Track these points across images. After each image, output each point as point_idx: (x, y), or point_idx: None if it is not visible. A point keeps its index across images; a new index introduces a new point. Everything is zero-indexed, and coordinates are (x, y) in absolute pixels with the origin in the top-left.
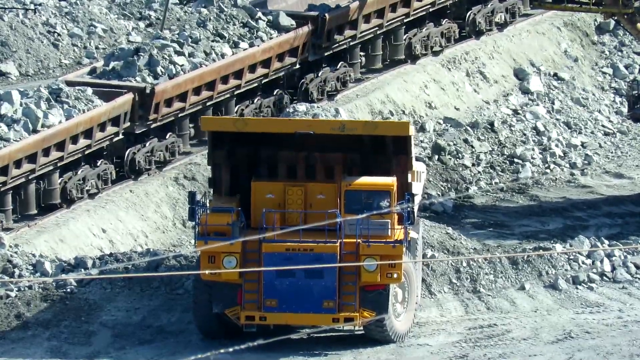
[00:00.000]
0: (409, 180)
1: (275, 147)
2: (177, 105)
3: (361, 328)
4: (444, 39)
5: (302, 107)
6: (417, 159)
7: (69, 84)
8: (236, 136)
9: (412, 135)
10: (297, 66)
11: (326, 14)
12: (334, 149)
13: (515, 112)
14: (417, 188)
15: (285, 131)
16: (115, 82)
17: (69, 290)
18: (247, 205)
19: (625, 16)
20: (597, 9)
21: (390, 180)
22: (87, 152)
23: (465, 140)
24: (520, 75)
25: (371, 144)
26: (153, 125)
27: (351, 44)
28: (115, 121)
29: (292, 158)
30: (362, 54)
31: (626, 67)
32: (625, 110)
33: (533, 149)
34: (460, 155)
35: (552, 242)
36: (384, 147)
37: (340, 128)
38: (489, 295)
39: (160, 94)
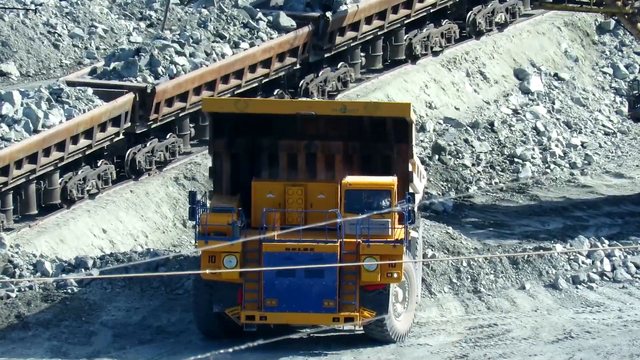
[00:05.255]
0: (409, 169)
1: (276, 135)
2: (177, 105)
3: (361, 328)
4: (444, 39)
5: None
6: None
7: (70, 84)
8: (237, 124)
9: (414, 120)
10: (298, 66)
11: (328, 16)
12: (334, 137)
13: (516, 112)
14: (418, 187)
15: (286, 112)
16: (115, 82)
17: (69, 290)
18: (247, 203)
19: (626, 16)
20: (598, 8)
21: (391, 180)
22: (87, 152)
23: (466, 140)
24: (520, 75)
25: (372, 131)
26: (153, 126)
27: (352, 44)
28: (115, 121)
29: (293, 146)
30: (362, 54)
31: (626, 67)
32: (625, 110)
33: (533, 149)
34: (460, 155)
35: (552, 242)
36: (385, 135)
37: (342, 109)
38: (489, 295)
39: (161, 93)
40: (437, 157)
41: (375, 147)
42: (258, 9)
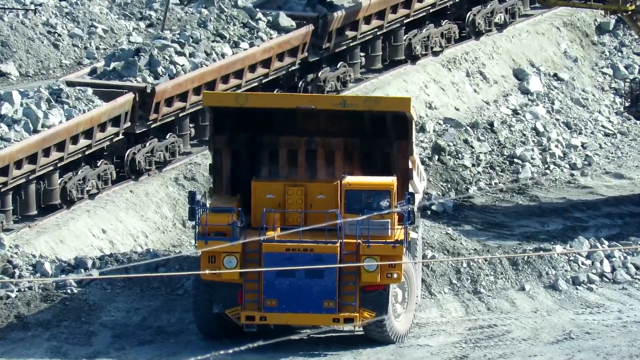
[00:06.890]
0: (409, 166)
1: (276, 131)
2: (177, 105)
3: (361, 328)
4: (444, 39)
5: None
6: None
7: (70, 84)
8: (238, 120)
9: (414, 116)
10: (297, 66)
11: (327, 16)
12: (334, 134)
13: (515, 112)
14: (417, 186)
15: (286, 106)
16: (115, 82)
17: (69, 290)
18: (247, 202)
19: (627, 13)
20: (600, 5)
21: (391, 180)
22: (87, 152)
23: (465, 141)
24: (520, 75)
25: (372, 128)
26: (153, 125)
27: (351, 44)
28: (115, 121)
29: (293, 143)
30: (362, 54)
31: (626, 67)
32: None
33: (533, 150)
34: (460, 155)
35: (552, 242)
36: (385, 131)
37: (342, 103)
38: (489, 295)
39: (161, 93)
40: (436, 157)
41: (375, 144)
42: (258, 9)
